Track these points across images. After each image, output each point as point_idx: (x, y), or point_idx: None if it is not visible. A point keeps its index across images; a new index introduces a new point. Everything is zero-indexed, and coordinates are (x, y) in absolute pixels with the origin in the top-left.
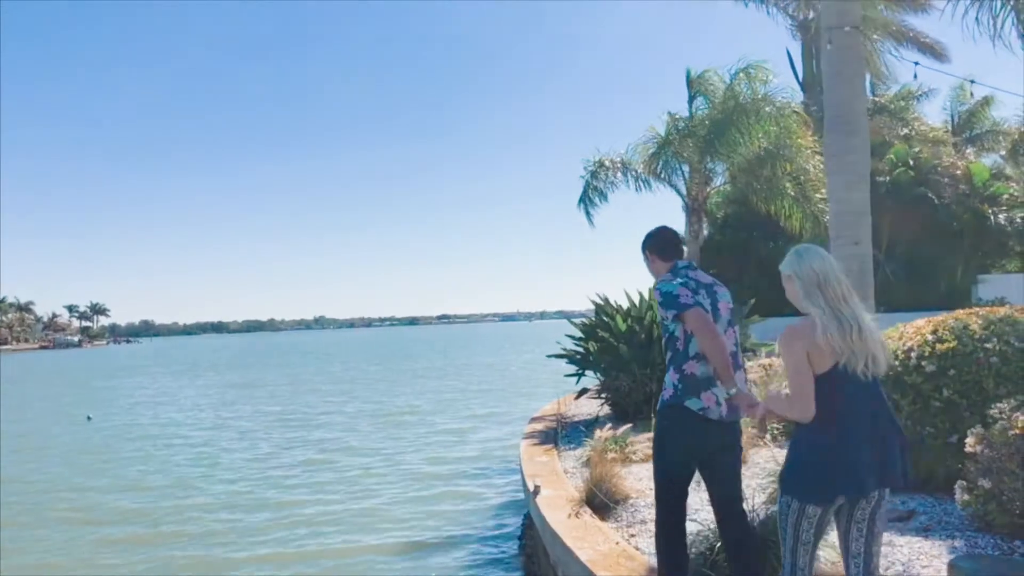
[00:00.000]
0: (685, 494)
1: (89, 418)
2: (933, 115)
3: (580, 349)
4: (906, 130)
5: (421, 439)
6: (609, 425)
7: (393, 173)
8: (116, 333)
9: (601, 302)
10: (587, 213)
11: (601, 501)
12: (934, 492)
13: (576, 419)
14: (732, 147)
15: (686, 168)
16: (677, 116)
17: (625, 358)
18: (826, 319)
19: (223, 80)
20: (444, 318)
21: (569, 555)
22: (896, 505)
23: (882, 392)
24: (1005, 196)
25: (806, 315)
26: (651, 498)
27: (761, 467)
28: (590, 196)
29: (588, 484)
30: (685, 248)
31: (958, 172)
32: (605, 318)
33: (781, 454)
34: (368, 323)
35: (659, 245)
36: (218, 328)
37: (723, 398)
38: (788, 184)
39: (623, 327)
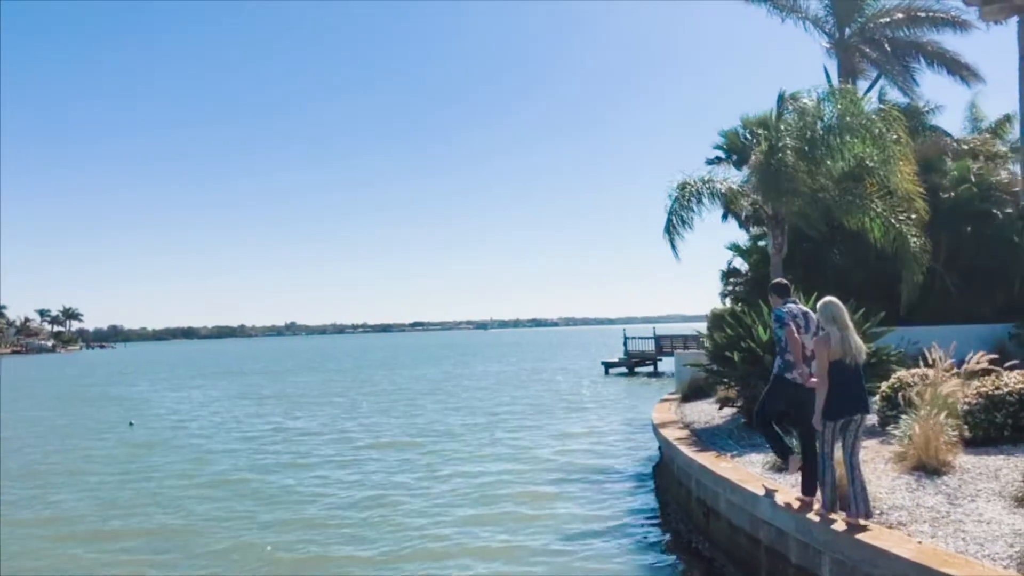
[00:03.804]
0: (776, 419)
1: (132, 424)
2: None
3: (709, 362)
4: (965, 145)
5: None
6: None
7: (365, 182)
8: (86, 338)
9: (727, 315)
10: (672, 245)
11: None
12: None
13: (699, 426)
14: (824, 163)
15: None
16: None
17: (769, 367)
18: (835, 337)
19: (194, 88)
20: (418, 325)
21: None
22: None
23: (860, 371)
24: None
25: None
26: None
27: None
28: (675, 225)
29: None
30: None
31: (1016, 189)
32: (741, 329)
33: None
34: (340, 330)
35: (778, 290)
36: (188, 334)
37: (801, 373)
38: (876, 201)
39: (765, 337)
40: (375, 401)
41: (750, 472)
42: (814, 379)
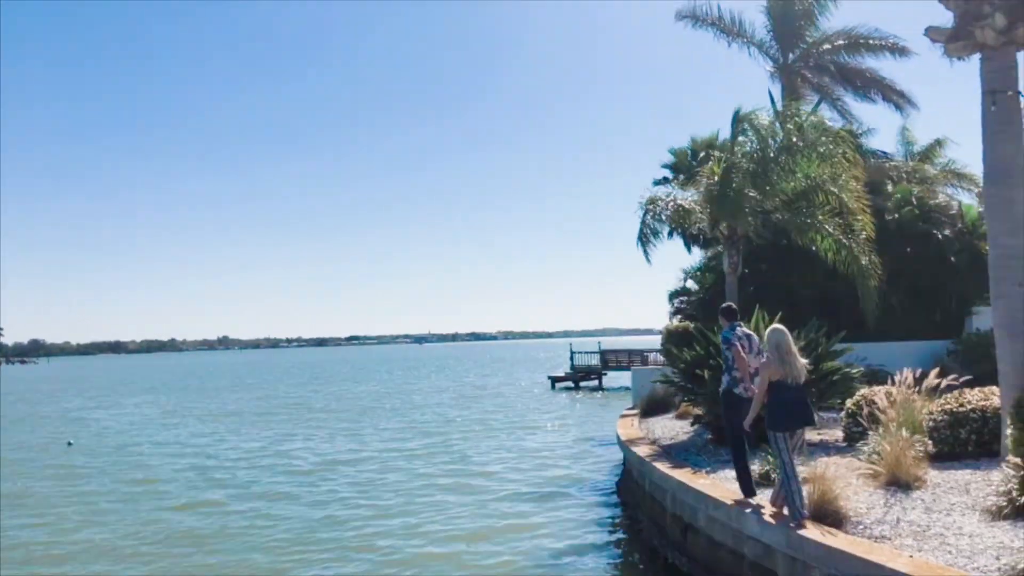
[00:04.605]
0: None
1: (70, 443)
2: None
3: (676, 377)
4: (905, 170)
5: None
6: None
7: (299, 191)
8: (5, 353)
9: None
10: (645, 253)
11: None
12: None
13: (666, 441)
14: (779, 183)
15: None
16: (734, 155)
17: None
18: (777, 361)
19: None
20: (354, 339)
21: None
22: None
23: (803, 388)
24: None
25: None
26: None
27: None
28: (646, 235)
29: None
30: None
31: (953, 211)
32: (711, 347)
33: None
34: (275, 344)
35: (727, 313)
36: (115, 348)
37: (746, 388)
38: (824, 218)
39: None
40: (320, 419)
41: (728, 488)
42: (755, 393)
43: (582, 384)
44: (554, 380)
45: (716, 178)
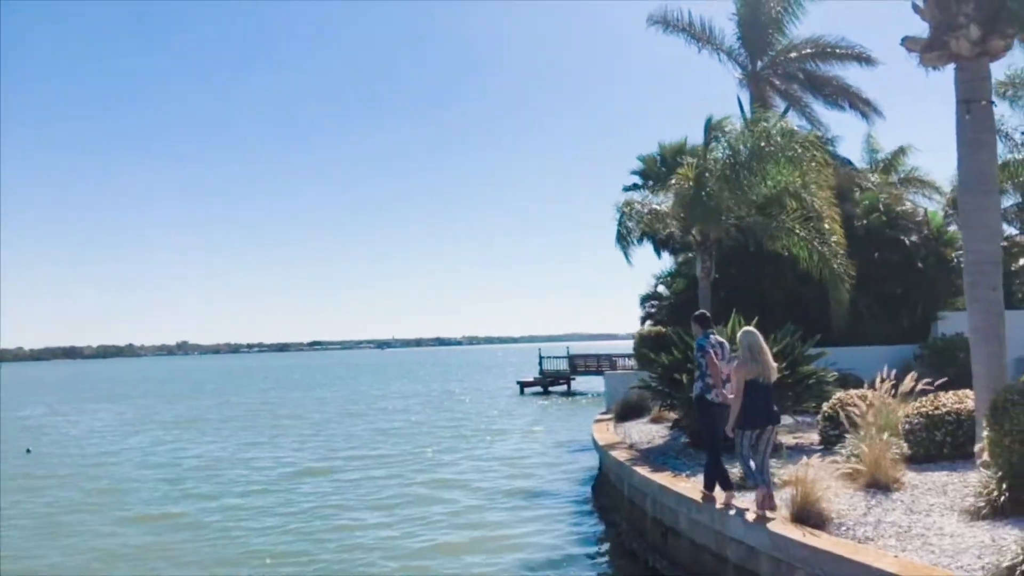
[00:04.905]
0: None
1: (28, 451)
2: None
3: (654, 382)
4: (874, 180)
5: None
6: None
7: (258, 190)
8: None
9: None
10: (624, 253)
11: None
12: None
13: (643, 446)
14: (751, 188)
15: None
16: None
17: None
18: (750, 360)
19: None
20: (316, 344)
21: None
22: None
23: (771, 389)
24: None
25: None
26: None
27: None
28: (624, 236)
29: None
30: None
31: (919, 218)
32: (689, 352)
33: None
34: (235, 349)
35: (701, 320)
36: (70, 353)
37: (718, 394)
38: (796, 224)
39: None
40: (286, 426)
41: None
42: (731, 396)
43: (551, 389)
44: (523, 385)
45: (690, 183)
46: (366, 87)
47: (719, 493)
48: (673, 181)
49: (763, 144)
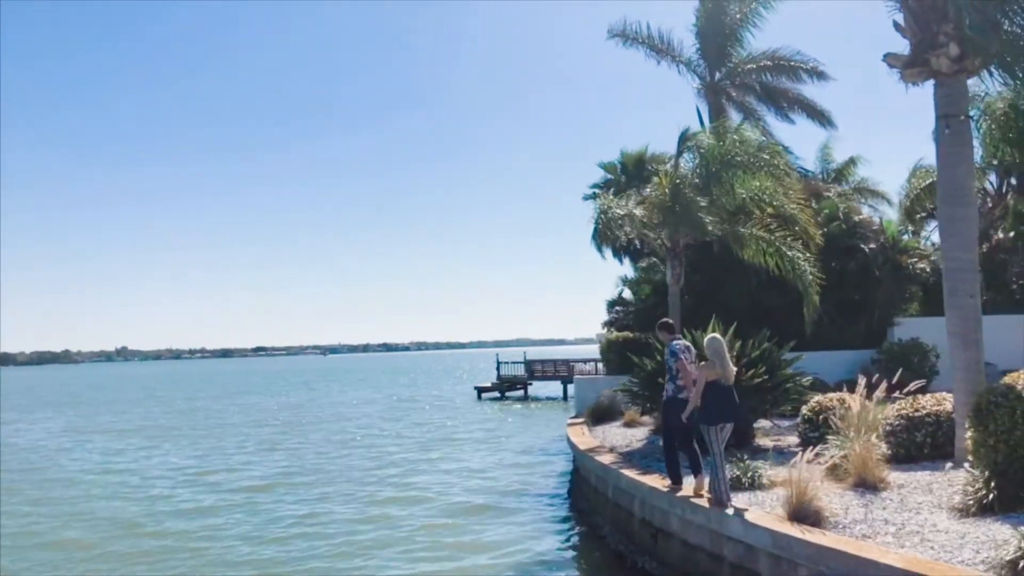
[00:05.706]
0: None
1: None
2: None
3: (635, 387)
4: (837, 188)
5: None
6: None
7: (203, 190)
8: None
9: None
10: (599, 250)
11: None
12: None
13: (622, 449)
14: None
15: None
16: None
17: None
18: (717, 364)
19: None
20: (260, 350)
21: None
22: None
23: (732, 389)
24: (915, 248)
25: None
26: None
27: None
28: (602, 235)
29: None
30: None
31: (875, 227)
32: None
33: None
34: (177, 355)
35: (667, 327)
36: (2, 360)
37: (688, 394)
38: (767, 231)
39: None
40: (236, 436)
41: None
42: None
43: (508, 394)
44: (480, 390)
45: (667, 191)
46: (300, 93)
47: (690, 483)
48: (649, 190)
49: (734, 153)
